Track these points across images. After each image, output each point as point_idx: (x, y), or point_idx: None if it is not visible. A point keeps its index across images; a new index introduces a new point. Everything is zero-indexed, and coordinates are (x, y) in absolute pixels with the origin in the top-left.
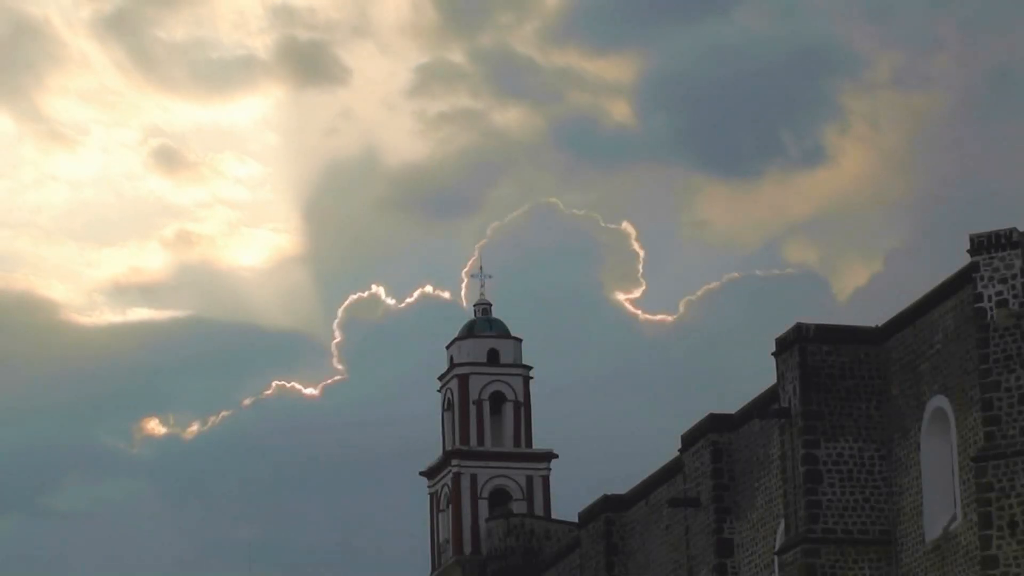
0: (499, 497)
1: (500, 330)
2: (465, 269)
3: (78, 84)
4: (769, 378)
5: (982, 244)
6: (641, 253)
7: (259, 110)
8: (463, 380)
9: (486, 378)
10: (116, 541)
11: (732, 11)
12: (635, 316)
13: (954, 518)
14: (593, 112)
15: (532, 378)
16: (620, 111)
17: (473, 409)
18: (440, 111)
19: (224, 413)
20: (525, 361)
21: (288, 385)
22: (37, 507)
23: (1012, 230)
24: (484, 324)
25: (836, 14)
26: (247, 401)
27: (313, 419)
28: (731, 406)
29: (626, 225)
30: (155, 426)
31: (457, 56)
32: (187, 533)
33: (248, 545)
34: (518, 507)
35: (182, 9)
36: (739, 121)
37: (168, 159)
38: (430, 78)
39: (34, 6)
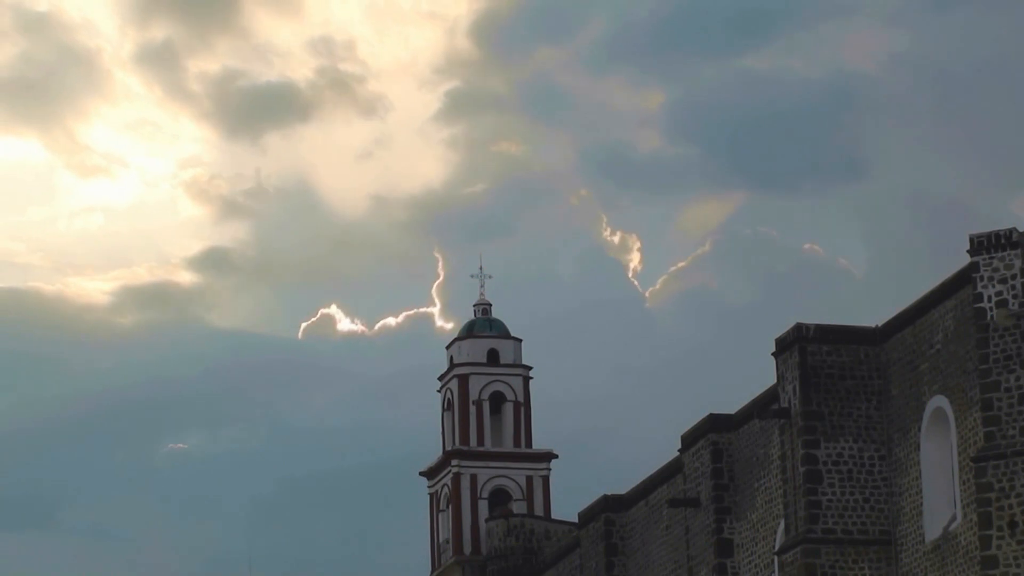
0: (499, 497)
1: (500, 330)
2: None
3: (117, 114)
4: (769, 378)
5: (982, 244)
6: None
7: (294, 140)
8: (463, 380)
9: (486, 378)
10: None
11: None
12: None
13: (954, 518)
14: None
15: (532, 378)
16: (651, 140)
17: (473, 409)
18: (474, 139)
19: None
20: (525, 361)
21: None
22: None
23: (1012, 230)
24: (484, 324)
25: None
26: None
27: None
28: (731, 406)
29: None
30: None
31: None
32: (199, 548)
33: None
34: (518, 507)
35: (221, 42)
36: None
37: (202, 190)
38: (462, 107)
39: (82, 35)
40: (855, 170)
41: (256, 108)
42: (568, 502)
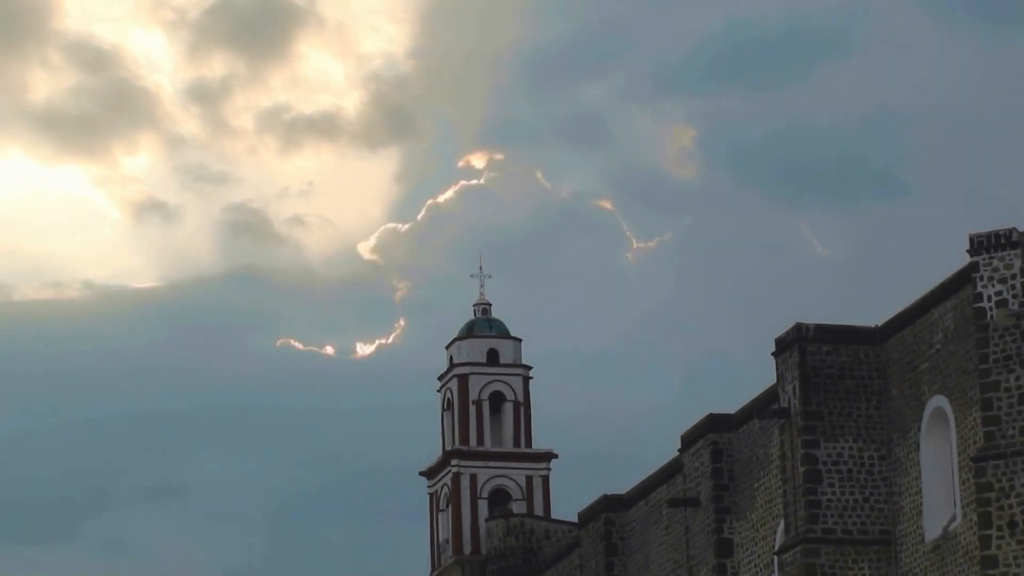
0: (499, 497)
1: (500, 330)
2: None
3: (169, 150)
4: (769, 378)
5: (982, 244)
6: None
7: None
8: (463, 380)
9: (486, 378)
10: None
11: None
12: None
13: (954, 518)
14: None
15: (532, 378)
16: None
17: (473, 409)
18: (507, 166)
19: None
20: (525, 361)
21: None
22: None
23: (1012, 230)
24: (484, 324)
25: None
26: None
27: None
28: (731, 406)
29: None
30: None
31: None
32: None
33: (249, 547)
34: (518, 507)
35: (274, 77)
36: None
37: (253, 224)
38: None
39: (139, 70)
40: (892, 192)
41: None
42: (568, 502)
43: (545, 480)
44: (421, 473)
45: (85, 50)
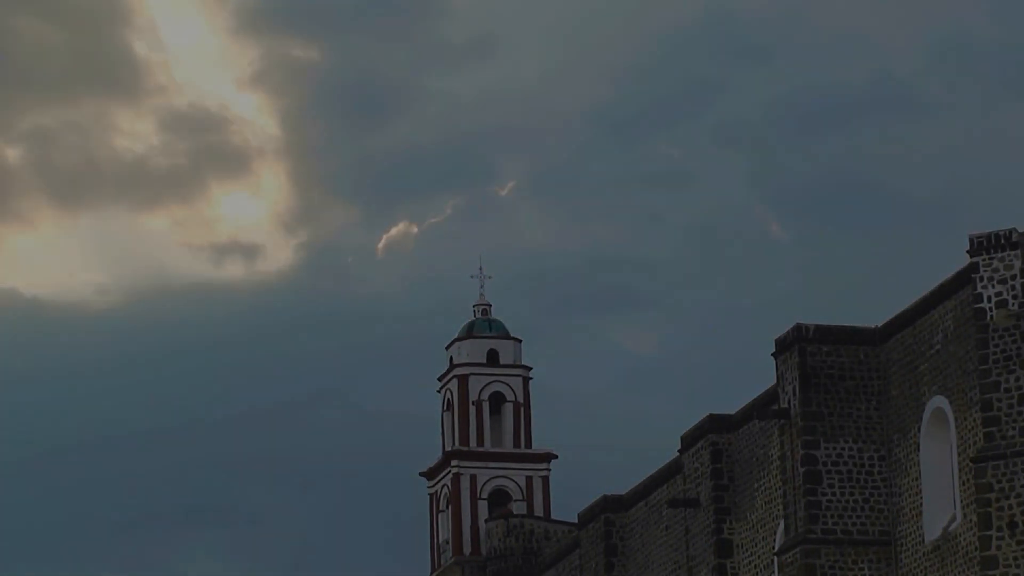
0: (499, 498)
1: (500, 331)
2: None
3: (254, 199)
4: (769, 378)
5: (982, 244)
6: None
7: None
8: (463, 380)
9: (486, 378)
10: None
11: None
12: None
13: (954, 518)
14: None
15: (532, 378)
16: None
17: (473, 410)
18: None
19: None
20: (525, 361)
21: None
22: None
23: (1012, 230)
24: (484, 325)
25: None
26: None
27: None
28: (731, 406)
29: None
30: None
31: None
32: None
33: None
34: (518, 508)
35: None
36: None
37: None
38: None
39: (224, 120)
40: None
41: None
42: (568, 502)
43: (545, 480)
44: (421, 474)
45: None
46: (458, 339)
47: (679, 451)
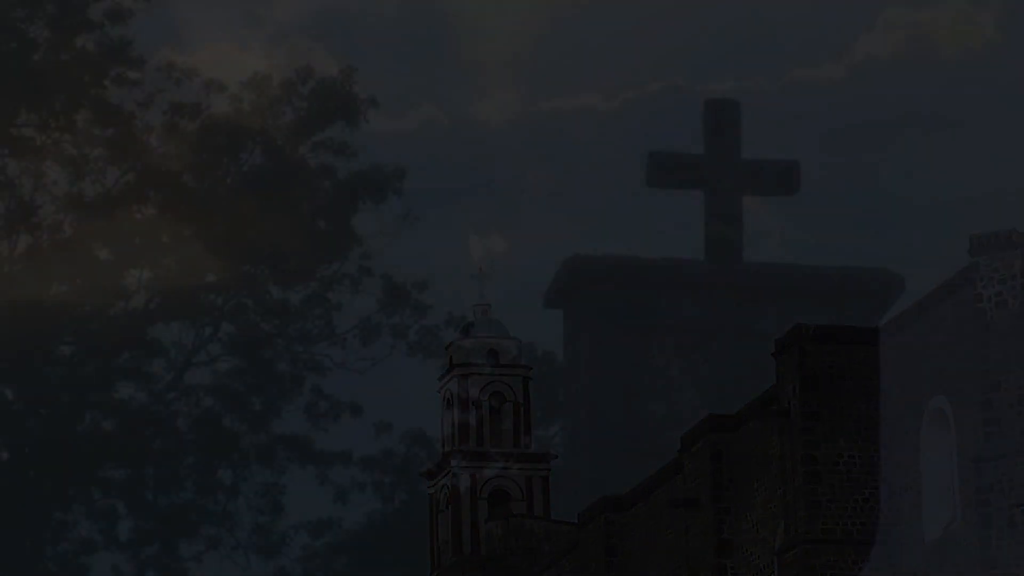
0: (499, 498)
1: (500, 330)
2: None
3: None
4: (769, 378)
5: (982, 244)
6: None
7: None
8: (462, 380)
9: (486, 378)
10: None
11: None
12: None
13: (954, 519)
14: None
15: (532, 378)
16: None
17: (473, 409)
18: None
19: None
20: (525, 361)
21: None
22: None
23: (1012, 230)
24: (484, 324)
25: None
26: None
27: None
28: (731, 406)
29: None
30: None
31: None
32: None
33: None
34: (517, 508)
35: None
36: None
37: None
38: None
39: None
40: None
41: None
42: (568, 503)
43: (545, 481)
44: (421, 474)
45: None
46: (458, 339)
47: (679, 451)
